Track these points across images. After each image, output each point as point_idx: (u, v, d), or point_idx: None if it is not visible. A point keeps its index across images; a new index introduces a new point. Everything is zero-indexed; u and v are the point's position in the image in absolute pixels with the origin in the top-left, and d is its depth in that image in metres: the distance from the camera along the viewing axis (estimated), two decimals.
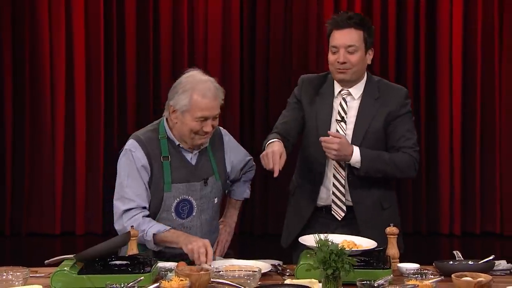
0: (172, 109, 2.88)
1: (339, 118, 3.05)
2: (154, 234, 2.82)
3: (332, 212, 3.06)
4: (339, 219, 3.05)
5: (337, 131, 3.02)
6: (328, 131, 2.96)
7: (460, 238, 6.46)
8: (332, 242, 2.30)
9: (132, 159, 2.88)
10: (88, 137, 6.53)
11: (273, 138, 2.94)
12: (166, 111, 2.93)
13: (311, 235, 2.58)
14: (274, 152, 2.85)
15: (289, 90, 3.09)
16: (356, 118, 3.02)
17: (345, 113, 3.05)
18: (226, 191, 3.14)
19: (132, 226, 2.77)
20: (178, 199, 2.90)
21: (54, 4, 6.48)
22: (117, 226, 2.90)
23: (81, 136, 6.51)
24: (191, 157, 2.94)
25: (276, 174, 2.82)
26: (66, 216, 6.47)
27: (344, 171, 3.03)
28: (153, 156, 2.88)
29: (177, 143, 2.92)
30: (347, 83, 3.06)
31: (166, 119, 2.95)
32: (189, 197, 2.92)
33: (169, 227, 2.85)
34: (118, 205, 2.89)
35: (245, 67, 6.64)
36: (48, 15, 6.47)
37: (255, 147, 6.63)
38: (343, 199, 3.04)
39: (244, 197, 3.24)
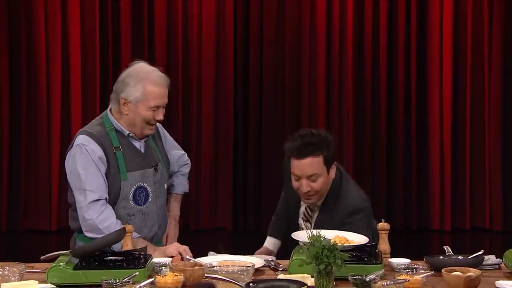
0: (124, 101, 2.94)
1: (305, 218, 3.10)
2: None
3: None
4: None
5: (302, 228, 3.04)
6: None
7: (450, 233, 6.51)
8: (324, 237, 2.33)
9: (87, 153, 2.92)
10: None
11: (271, 233, 3.26)
12: (114, 104, 2.99)
13: (303, 231, 2.63)
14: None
15: (283, 90, 3.06)
16: (315, 226, 3.01)
17: (310, 217, 3.08)
18: (165, 186, 3.18)
19: (127, 223, 2.81)
20: (134, 187, 2.97)
21: (50, 5, 6.48)
22: (87, 215, 2.88)
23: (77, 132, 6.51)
24: (140, 146, 3.02)
25: None
26: (62, 213, 6.47)
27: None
28: (106, 147, 2.94)
29: (127, 132, 2.98)
30: None
31: (110, 111, 3.01)
32: (144, 184, 2.99)
33: (138, 236, 2.92)
34: (80, 199, 2.90)
35: (239, 67, 6.65)
36: (44, 16, 6.46)
37: (248, 146, 6.73)
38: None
39: (183, 191, 3.33)
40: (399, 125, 6.66)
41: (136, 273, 2.40)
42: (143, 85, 2.91)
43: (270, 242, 3.27)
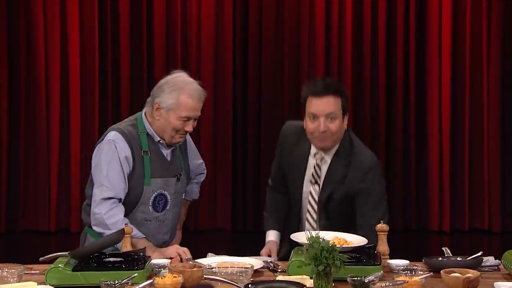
0: (157, 106, 2.96)
1: (313, 180, 3.09)
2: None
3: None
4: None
5: (310, 192, 3.08)
6: None
7: (449, 234, 6.52)
8: (323, 239, 2.34)
9: (115, 149, 2.94)
10: (83, 135, 6.54)
11: (270, 227, 3.23)
12: (149, 107, 3.01)
13: (302, 232, 2.63)
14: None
15: (282, 90, 3.10)
16: (324, 180, 3.05)
17: (319, 177, 3.08)
18: (183, 195, 3.23)
19: (126, 224, 2.81)
20: (156, 193, 3.00)
21: (49, 5, 6.48)
22: (97, 210, 2.92)
23: (76, 133, 6.52)
24: (167, 154, 3.05)
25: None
26: (61, 214, 6.48)
27: (316, 215, 3.10)
28: (135, 149, 2.96)
29: (158, 139, 3.01)
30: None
31: (145, 114, 3.02)
32: (165, 192, 3.03)
33: (143, 236, 2.93)
34: (96, 192, 2.94)
35: (237, 68, 6.66)
36: (43, 16, 6.46)
37: (247, 146, 6.73)
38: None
39: (193, 198, 3.39)
40: (398, 126, 6.66)
41: (135, 275, 2.40)
42: (178, 94, 2.94)
43: (272, 234, 3.24)
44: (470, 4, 6.53)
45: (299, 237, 2.71)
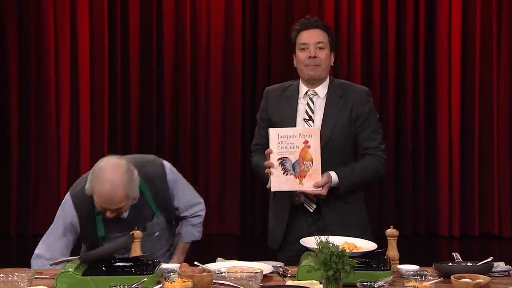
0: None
1: (307, 117, 3.15)
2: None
3: (305, 205, 3.18)
4: (311, 210, 3.17)
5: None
6: (310, 190, 3.02)
7: (459, 240, 6.49)
8: (333, 244, 2.33)
9: (62, 213, 3.00)
10: (92, 139, 6.57)
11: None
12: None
13: (312, 237, 2.63)
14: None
15: None
16: (323, 115, 3.12)
17: (313, 112, 3.15)
18: (163, 226, 3.15)
19: (136, 228, 2.82)
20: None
21: (59, 7, 6.52)
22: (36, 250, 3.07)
23: (86, 138, 6.55)
24: (124, 213, 2.96)
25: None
26: None
27: None
28: (83, 214, 2.95)
29: None
30: (314, 83, 3.19)
31: None
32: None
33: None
34: (39, 244, 3.06)
35: (247, 69, 6.67)
36: (54, 19, 6.52)
37: None
38: (313, 197, 3.15)
39: (191, 240, 3.27)
40: (407, 130, 6.65)
41: (145, 279, 2.41)
42: (91, 189, 2.87)
43: None
44: (480, 2, 6.52)
45: (308, 242, 2.71)
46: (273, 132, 3.02)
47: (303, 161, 3.00)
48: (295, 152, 3.01)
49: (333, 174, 3.05)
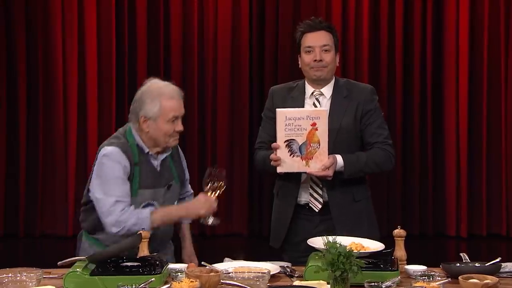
0: (143, 119, 3.00)
1: None
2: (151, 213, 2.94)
3: (310, 205, 3.17)
4: (317, 210, 3.17)
5: None
6: (316, 172, 3.02)
7: (466, 240, 6.48)
8: (340, 244, 2.33)
9: (115, 162, 2.96)
10: (100, 139, 6.58)
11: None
12: (134, 123, 3.04)
13: (319, 237, 2.63)
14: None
15: None
16: (329, 115, 3.10)
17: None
18: (176, 202, 3.20)
19: (143, 228, 2.82)
20: (143, 204, 3.00)
21: (67, 9, 6.54)
22: (110, 218, 2.95)
23: (93, 138, 6.57)
24: (157, 165, 3.06)
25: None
26: (78, 219, 6.51)
27: None
28: (131, 162, 2.99)
29: (147, 150, 3.03)
30: (320, 83, 3.20)
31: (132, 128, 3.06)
32: (154, 202, 3.03)
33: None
34: (106, 201, 2.95)
35: (254, 71, 6.68)
36: (61, 20, 6.54)
37: None
38: (320, 197, 3.16)
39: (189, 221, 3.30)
40: (415, 130, 6.64)
41: (152, 279, 2.41)
42: (159, 100, 2.98)
43: None
44: (488, 2, 6.50)
45: (316, 242, 2.71)
46: (280, 114, 3.01)
47: (310, 143, 2.99)
48: (302, 134, 3.00)
49: (338, 157, 3.06)
